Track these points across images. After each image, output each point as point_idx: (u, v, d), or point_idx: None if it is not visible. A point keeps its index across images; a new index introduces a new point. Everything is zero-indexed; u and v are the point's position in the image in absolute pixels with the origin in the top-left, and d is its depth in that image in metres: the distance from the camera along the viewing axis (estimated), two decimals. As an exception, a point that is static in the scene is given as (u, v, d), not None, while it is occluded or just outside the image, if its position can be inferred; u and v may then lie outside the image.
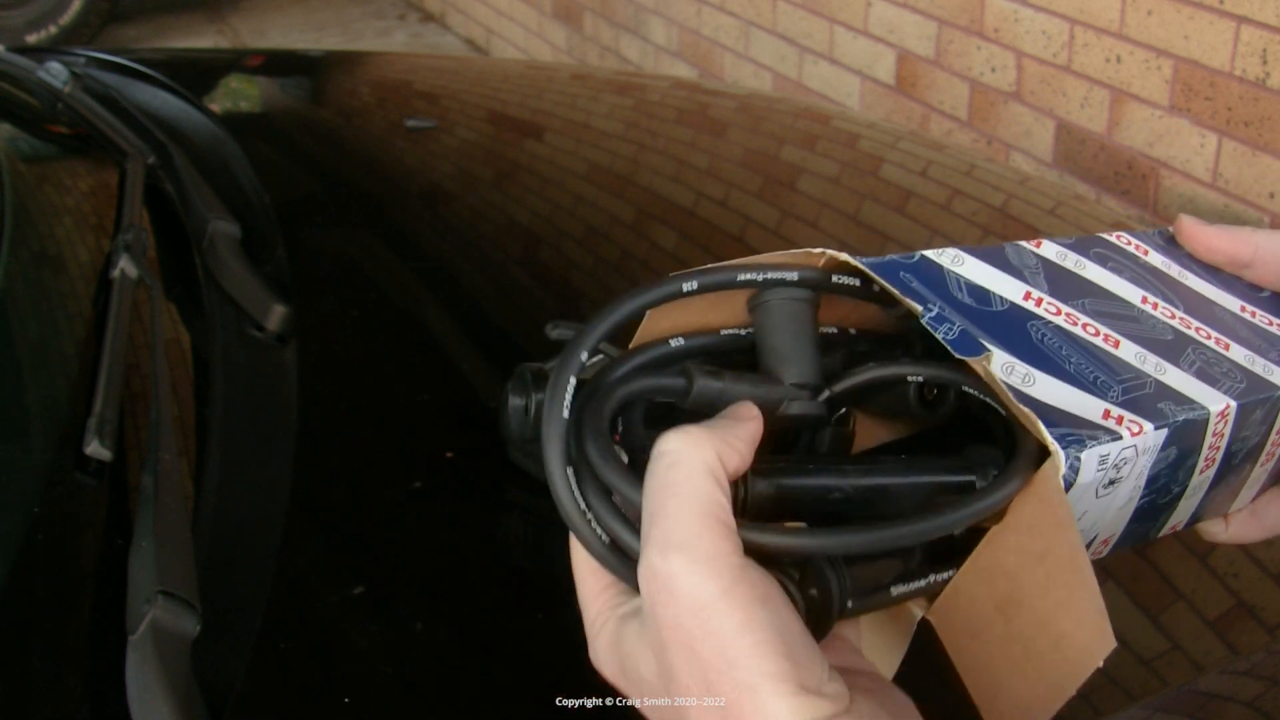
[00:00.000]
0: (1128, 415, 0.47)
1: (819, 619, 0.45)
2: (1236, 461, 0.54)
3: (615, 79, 2.17)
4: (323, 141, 1.73)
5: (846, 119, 1.78)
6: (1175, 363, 0.51)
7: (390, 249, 1.36)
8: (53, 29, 4.74)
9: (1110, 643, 0.43)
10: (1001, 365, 0.46)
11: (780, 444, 0.51)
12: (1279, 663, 0.72)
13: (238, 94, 1.92)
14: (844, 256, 0.50)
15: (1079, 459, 0.45)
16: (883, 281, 0.49)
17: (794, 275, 0.49)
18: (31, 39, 4.67)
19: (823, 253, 0.50)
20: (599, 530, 0.45)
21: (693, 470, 0.43)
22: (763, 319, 0.50)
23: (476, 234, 1.39)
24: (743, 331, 0.51)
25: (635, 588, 0.44)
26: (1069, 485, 0.45)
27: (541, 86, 1.91)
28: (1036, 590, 0.45)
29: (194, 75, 1.83)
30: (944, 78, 2.69)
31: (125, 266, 1.00)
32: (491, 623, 0.79)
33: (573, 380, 0.46)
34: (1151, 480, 0.49)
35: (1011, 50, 2.51)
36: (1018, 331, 0.49)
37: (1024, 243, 0.56)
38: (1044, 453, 0.45)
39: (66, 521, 0.82)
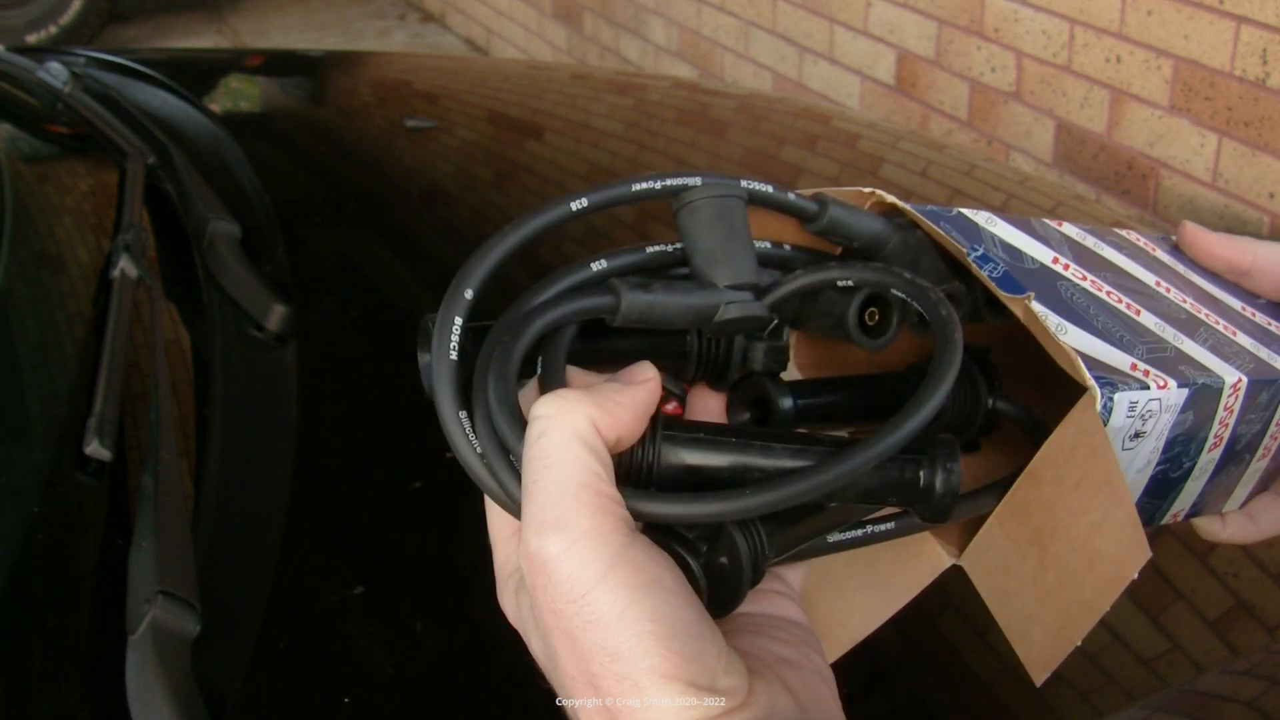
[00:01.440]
0: (1154, 370, 0.48)
1: (730, 590, 0.42)
2: (1239, 448, 0.55)
3: (615, 79, 2.17)
4: (323, 141, 1.73)
5: (846, 119, 1.78)
6: (1191, 337, 0.53)
7: (390, 249, 1.36)
8: (53, 29, 4.74)
9: (1145, 553, 0.42)
10: (1037, 312, 0.46)
11: (716, 361, 0.48)
12: (1279, 663, 0.72)
13: (238, 94, 1.92)
14: (890, 198, 0.49)
15: (1112, 400, 0.45)
16: (928, 223, 0.49)
17: (697, 180, 0.45)
18: (31, 39, 4.67)
19: (872, 192, 0.50)
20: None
21: (563, 438, 0.39)
22: (689, 221, 0.45)
23: (476, 234, 1.39)
24: (670, 247, 0.47)
25: None
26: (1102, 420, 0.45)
27: (541, 86, 1.91)
28: (1071, 516, 0.45)
29: (194, 75, 1.83)
30: (944, 78, 2.69)
31: (125, 266, 1.00)
32: (491, 623, 0.79)
33: (458, 320, 0.42)
34: (1169, 445, 0.50)
35: (1011, 50, 2.51)
36: (1049, 288, 0.50)
37: (1047, 219, 0.57)
38: (954, 382, 0.43)
39: (66, 521, 0.82)
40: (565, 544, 0.38)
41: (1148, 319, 0.53)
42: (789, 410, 0.48)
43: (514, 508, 0.41)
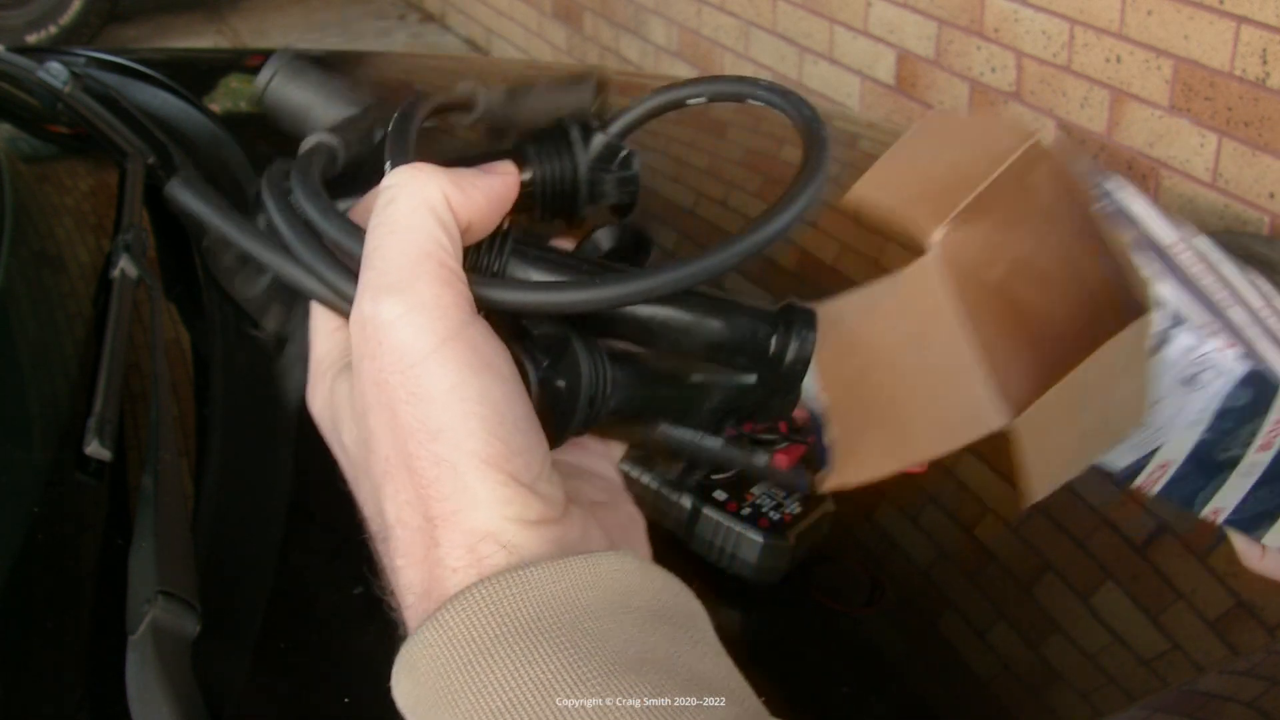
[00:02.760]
0: (1224, 334, 0.50)
1: (560, 415, 0.38)
2: None
3: (615, 79, 2.16)
4: (323, 141, 1.72)
5: (846, 119, 1.78)
6: (1274, 345, 0.55)
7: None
8: (53, 29, 4.74)
9: (1149, 404, 0.46)
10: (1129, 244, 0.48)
11: (562, 194, 0.44)
12: (1279, 663, 0.72)
13: (238, 94, 1.92)
14: (1043, 144, 0.50)
15: (1174, 332, 0.47)
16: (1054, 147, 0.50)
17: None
18: (31, 39, 4.67)
19: (1035, 132, 0.51)
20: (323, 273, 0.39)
21: (413, 206, 0.36)
22: (277, 100, 0.43)
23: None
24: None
25: None
26: (1157, 347, 0.46)
27: (541, 86, 1.91)
28: (1112, 389, 0.47)
29: (194, 75, 1.83)
30: (944, 78, 2.69)
31: (125, 266, 1.00)
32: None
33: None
34: (1220, 415, 0.51)
35: (1011, 50, 2.51)
36: (1153, 249, 0.52)
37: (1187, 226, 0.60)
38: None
39: (66, 521, 0.82)
40: (402, 310, 0.35)
41: (1237, 314, 0.54)
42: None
43: (341, 304, 0.38)
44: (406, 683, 0.34)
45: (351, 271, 0.38)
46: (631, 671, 0.32)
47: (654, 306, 0.41)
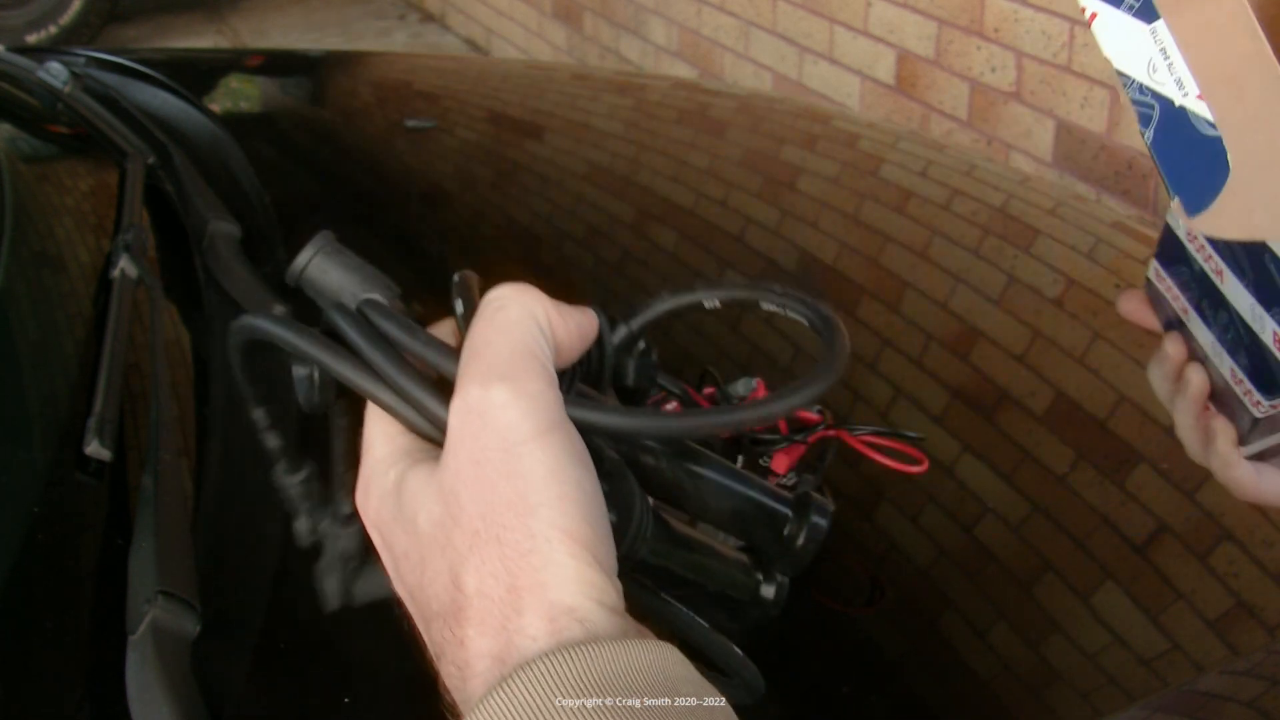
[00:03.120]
0: None
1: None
2: None
3: (615, 79, 2.17)
4: (323, 141, 1.73)
5: (846, 119, 1.77)
6: None
7: (390, 249, 1.36)
8: (53, 29, 4.74)
9: None
10: None
11: (589, 374, 0.48)
12: (1279, 663, 0.72)
13: (238, 94, 1.92)
14: None
15: None
16: None
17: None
18: (31, 39, 4.67)
19: None
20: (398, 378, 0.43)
21: (522, 313, 0.41)
22: (315, 277, 0.47)
23: (476, 234, 1.39)
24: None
25: (437, 438, 0.41)
26: None
27: (541, 86, 1.91)
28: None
29: (194, 75, 1.83)
30: (944, 78, 2.69)
31: (125, 266, 1.00)
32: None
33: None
34: None
35: (1011, 50, 2.51)
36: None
37: None
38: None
39: (66, 521, 0.82)
40: (510, 395, 0.38)
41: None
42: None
43: (408, 410, 0.42)
44: None
45: (430, 382, 0.41)
46: None
47: (699, 467, 0.46)
